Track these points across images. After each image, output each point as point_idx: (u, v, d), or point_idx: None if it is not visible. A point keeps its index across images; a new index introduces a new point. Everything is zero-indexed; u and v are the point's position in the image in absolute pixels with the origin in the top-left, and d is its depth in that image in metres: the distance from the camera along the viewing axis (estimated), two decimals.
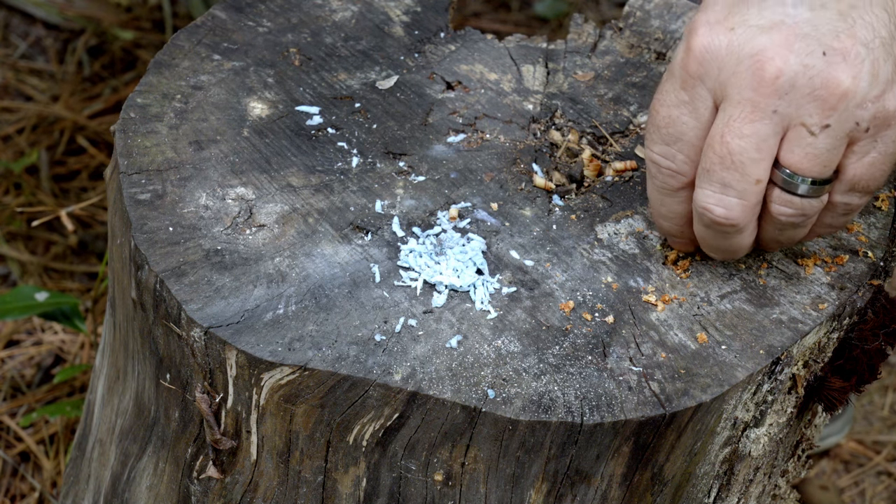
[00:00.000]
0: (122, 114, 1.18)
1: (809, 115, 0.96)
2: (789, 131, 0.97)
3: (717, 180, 0.98)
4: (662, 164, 1.03)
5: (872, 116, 0.96)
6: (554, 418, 0.97)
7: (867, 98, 0.96)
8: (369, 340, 1.00)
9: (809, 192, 0.99)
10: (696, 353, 1.02)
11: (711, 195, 0.99)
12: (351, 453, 1.03)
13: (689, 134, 1.00)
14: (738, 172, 0.98)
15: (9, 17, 2.62)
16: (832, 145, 0.97)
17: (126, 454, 1.22)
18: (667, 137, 1.01)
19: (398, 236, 1.09)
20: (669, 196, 1.04)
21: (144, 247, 1.06)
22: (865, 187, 1.01)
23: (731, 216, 0.99)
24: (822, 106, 0.95)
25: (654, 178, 1.04)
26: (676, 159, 1.02)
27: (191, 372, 1.05)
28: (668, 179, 1.03)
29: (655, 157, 1.03)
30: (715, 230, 1.02)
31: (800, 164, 0.97)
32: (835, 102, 0.95)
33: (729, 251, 1.05)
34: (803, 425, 1.18)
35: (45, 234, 2.20)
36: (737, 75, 0.97)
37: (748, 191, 0.98)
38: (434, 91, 1.25)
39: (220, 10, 1.31)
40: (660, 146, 1.02)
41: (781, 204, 1.00)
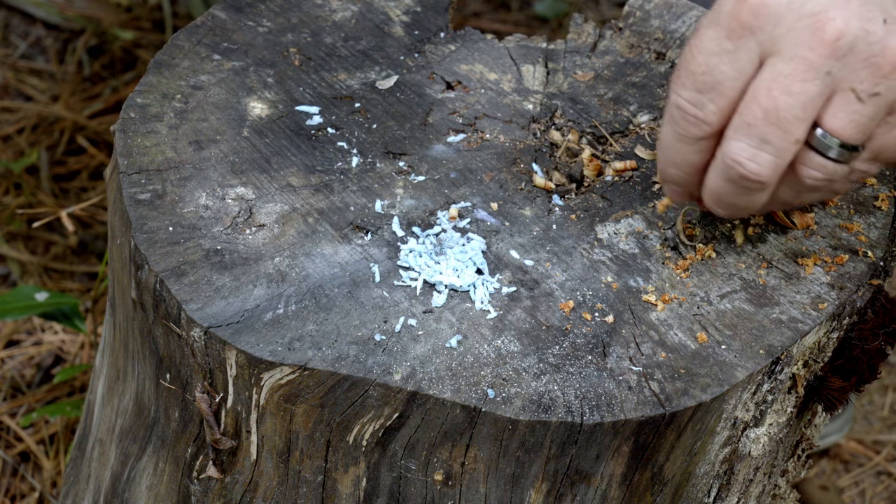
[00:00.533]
0: (122, 114, 1.18)
1: (861, 81, 0.95)
2: (836, 95, 0.96)
3: (757, 135, 0.96)
4: (689, 111, 1.00)
5: None
6: (554, 418, 0.97)
7: None
8: (369, 340, 1.00)
9: (842, 156, 0.97)
10: (696, 352, 1.02)
11: (746, 149, 0.97)
12: (351, 453, 1.03)
13: (726, 84, 0.98)
14: (780, 129, 0.96)
15: (9, 17, 2.62)
16: (876, 113, 0.96)
17: (126, 454, 1.22)
18: (701, 85, 0.99)
19: (398, 236, 1.09)
20: (688, 144, 1.02)
21: (144, 247, 1.06)
22: (886, 158, 1.01)
23: (763, 173, 0.97)
24: (876, 73, 0.95)
25: (676, 124, 1.01)
26: (706, 108, 0.99)
27: (191, 372, 1.05)
28: (692, 128, 1.00)
29: (683, 104, 1.00)
30: (738, 185, 0.99)
31: (843, 129, 0.96)
32: (888, 71, 0.95)
33: (740, 208, 1.03)
34: (803, 425, 1.18)
35: (45, 234, 2.20)
36: (794, 32, 0.95)
37: (786, 149, 0.97)
38: (434, 91, 1.25)
39: (220, 10, 1.31)
40: (690, 93, 0.99)
41: (813, 167, 0.98)
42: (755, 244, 1.11)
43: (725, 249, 1.11)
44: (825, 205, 1.13)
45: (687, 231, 1.12)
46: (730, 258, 1.10)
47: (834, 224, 1.13)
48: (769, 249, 1.11)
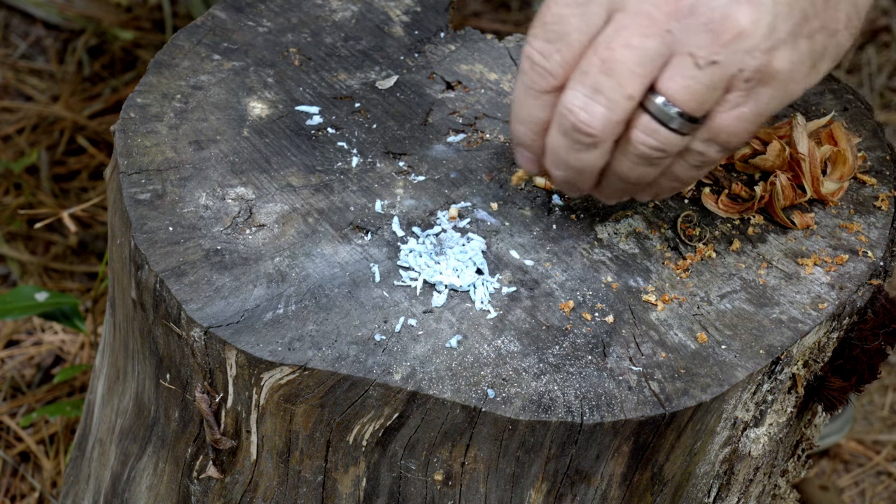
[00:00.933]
0: (122, 114, 1.18)
1: (699, 47, 0.95)
2: (674, 58, 0.96)
3: (591, 83, 0.97)
4: (537, 61, 1.00)
5: (756, 68, 0.96)
6: (554, 418, 0.97)
7: (759, 46, 0.95)
8: (369, 340, 1.00)
9: (678, 125, 0.97)
10: (696, 352, 1.02)
11: (579, 97, 0.97)
12: (351, 453, 1.03)
13: (573, 36, 0.99)
14: (614, 80, 0.96)
15: (9, 17, 2.62)
16: (713, 83, 0.96)
17: (126, 454, 1.22)
18: (550, 34, 0.99)
19: (398, 236, 1.09)
20: (533, 98, 1.02)
21: (144, 247, 1.06)
22: (726, 141, 1.00)
23: (593, 124, 0.97)
24: (715, 40, 0.95)
25: (524, 75, 1.01)
26: (552, 59, 1.00)
27: (191, 372, 1.05)
28: (538, 79, 1.01)
29: (532, 53, 1.00)
30: (570, 138, 0.99)
31: (677, 94, 0.96)
32: (727, 40, 0.95)
33: (574, 171, 1.02)
34: (803, 425, 1.18)
35: (45, 234, 2.20)
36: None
37: (617, 103, 0.97)
38: (434, 91, 1.25)
39: (220, 10, 1.31)
40: (540, 42, 1.00)
41: (646, 132, 0.98)
42: (755, 244, 1.11)
43: (725, 249, 1.11)
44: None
45: (687, 231, 1.12)
46: (730, 258, 1.10)
47: (834, 224, 1.13)
48: (769, 249, 1.11)
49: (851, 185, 1.17)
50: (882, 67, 2.71)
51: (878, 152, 1.21)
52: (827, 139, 1.16)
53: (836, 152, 1.15)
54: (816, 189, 1.14)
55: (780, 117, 1.24)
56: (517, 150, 1.06)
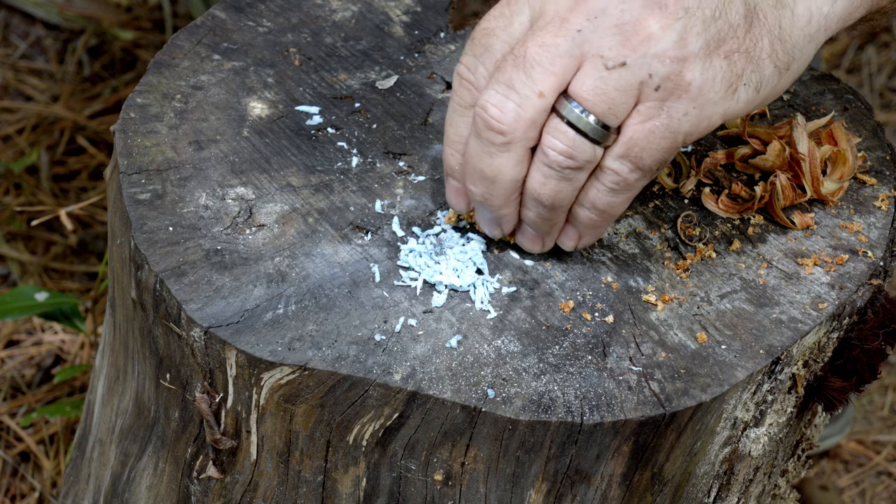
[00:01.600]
0: (122, 114, 1.18)
1: (609, 48, 0.96)
2: (586, 61, 0.97)
3: (504, 80, 0.97)
4: (464, 76, 1.01)
5: (666, 76, 0.96)
6: (554, 418, 0.97)
7: (667, 53, 0.96)
8: (369, 340, 1.00)
9: (589, 130, 0.97)
10: (696, 352, 1.02)
11: (493, 94, 0.98)
12: (351, 453, 1.03)
13: (496, 46, 1.00)
14: (525, 75, 0.97)
15: (9, 17, 2.62)
16: (623, 86, 0.96)
17: (126, 454, 1.22)
18: (477, 48, 1.01)
19: (398, 236, 1.09)
20: (460, 115, 1.02)
21: (144, 247, 1.06)
22: (638, 157, 0.99)
23: (504, 120, 0.97)
24: (624, 42, 0.96)
25: (454, 94, 1.02)
26: (478, 72, 1.01)
27: (191, 372, 1.05)
28: (465, 93, 1.01)
29: (460, 69, 1.02)
30: (483, 140, 0.99)
31: (587, 95, 0.96)
32: (636, 43, 0.96)
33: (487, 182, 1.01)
34: (803, 425, 1.18)
35: (45, 234, 2.20)
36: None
37: (529, 100, 0.97)
38: (434, 91, 1.25)
39: (220, 10, 1.31)
40: (468, 57, 1.01)
41: (555, 135, 0.98)
42: (755, 244, 1.11)
43: (725, 249, 1.11)
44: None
45: (687, 231, 1.12)
46: (730, 258, 1.10)
47: (834, 224, 1.13)
48: (769, 249, 1.11)
49: (851, 185, 1.17)
50: (882, 67, 2.71)
51: (878, 152, 1.21)
52: (827, 139, 1.16)
53: (836, 152, 1.15)
54: (816, 189, 1.14)
55: (780, 117, 1.24)
56: (447, 182, 1.06)
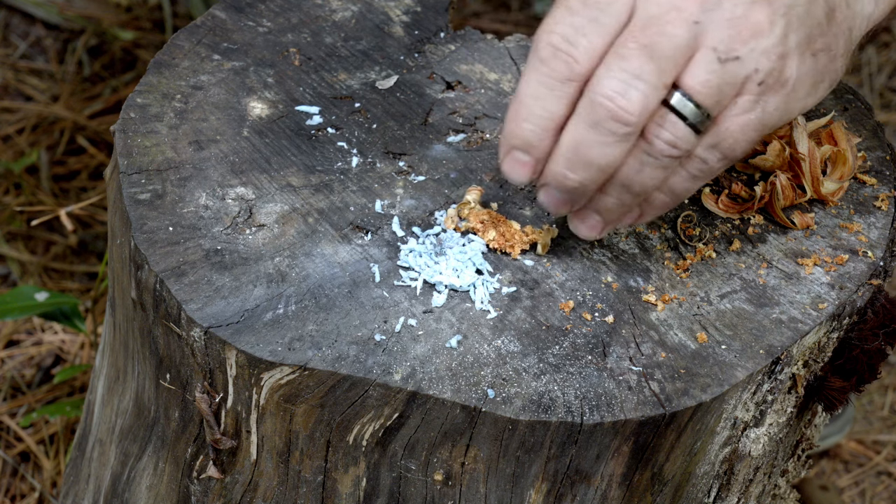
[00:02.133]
0: (122, 114, 1.18)
1: (722, 41, 0.96)
2: (698, 52, 0.97)
3: (631, 69, 0.96)
4: (562, 48, 0.97)
5: (770, 71, 0.97)
6: (554, 418, 0.97)
7: (774, 48, 0.97)
8: (369, 340, 1.00)
9: (696, 120, 0.97)
10: (696, 352, 1.02)
11: (619, 84, 0.96)
12: (351, 453, 1.03)
13: (604, 20, 0.97)
14: (655, 65, 0.96)
15: (9, 17, 2.62)
16: (731, 80, 0.97)
17: (126, 454, 1.22)
18: (577, 18, 0.97)
19: (398, 236, 1.09)
20: (549, 89, 0.98)
21: (144, 247, 1.06)
22: (729, 148, 1.00)
23: (631, 110, 0.96)
24: (736, 36, 0.96)
25: (543, 65, 0.98)
26: (580, 44, 0.97)
27: (191, 372, 1.05)
28: (561, 66, 0.97)
29: (556, 40, 0.97)
30: (601, 130, 0.97)
31: (699, 87, 0.96)
32: (748, 37, 0.96)
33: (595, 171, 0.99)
34: (803, 425, 1.18)
35: (45, 234, 2.20)
36: None
37: (656, 89, 0.96)
38: (434, 91, 1.25)
39: (220, 10, 1.31)
40: (565, 27, 0.97)
41: (666, 126, 0.97)
42: (755, 244, 1.11)
43: (725, 249, 1.11)
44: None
45: (687, 231, 1.12)
46: (730, 258, 1.10)
47: (834, 224, 1.13)
48: (769, 249, 1.11)
49: (851, 185, 1.17)
50: (882, 67, 2.71)
51: (878, 152, 1.21)
52: (827, 139, 1.16)
53: (836, 152, 1.15)
54: (816, 189, 1.14)
55: None
56: (512, 155, 1.01)
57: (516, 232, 1.07)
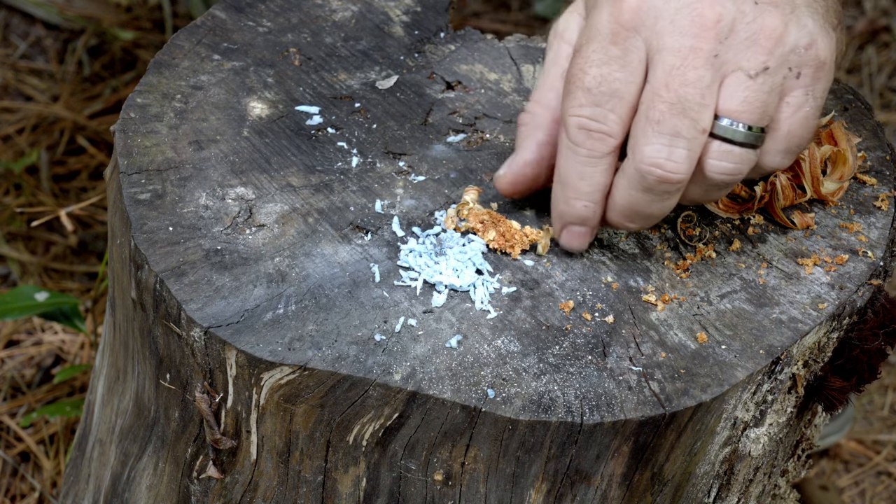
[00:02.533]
0: (122, 114, 1.18)
1: (747, 60, 0.97)
2: (727, 78, 0.98)
3: (668, 131, 0.97)
4: (593, 128, 0.99)
5: (805, 63, 0.99)
6: (554, 418, 0.97)
7: (799, 44, 0.99)
8: (369, 340, 1.00)
9: (749, 139, 0.99)
10: (696, 352, 1.02)
11: (661, 149, 0.97)
12: (351, 453, 1.03)
13: (624, 90, 0.99)
14: (688, 119, 0.97)
15: (9, 17, 2.62)
16: (770, 88, 0.98)
17: (126, 454, 1.22)
18: (599, 97, 0.99)
19: (398, 236, 1.09)
20: (593, 167, 1.01)
21: (144, 247, 1.06)
22: (798, 146, 1.02)
23: (681, 170, 0.98)
24: (759, 50, 0.98)
25: (581, 147, 1.00)
26: (609, 120, 0.99)
27: (191, 372, 1.05)
28: (598, 144, 1.00)
29: (586, 122, 0.99)
30: (656, 192, 0.99)
31: (740, 109, 0.98)
32: (771, 46, 0.98)
33: (654, 217, 1.03)
34: (803, 425, 1.18)
35: (45, 234, 2.20)
36: (675, 23, 0.97)
37: (696, 139, 0.97)
38: (434, 91, 1.25)
39: (220, 10, 1.31)
40: (590, 109, 0.99)
41: (720, 158, 0.99)
42: (755, 244, 1.11)
43: (725, 249, 1.11)
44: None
45: (687, 231, 1.12)
46: (730, 258, 1.10)
47: (834, 224, 1.13)
48: (769, 249, 1.11)
49: (851, 185, 1.17)
50: (882, 67, 2.71)
51: (878, 152, 1.21)
52: (827, 139, 1.16)
53: (836, 152, 1.15)
54: (816, 189, 1.14)
55: None
56: (569, 230, 1.05)
57: (517, 232, 1.08)
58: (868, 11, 2.82)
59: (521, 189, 1.10)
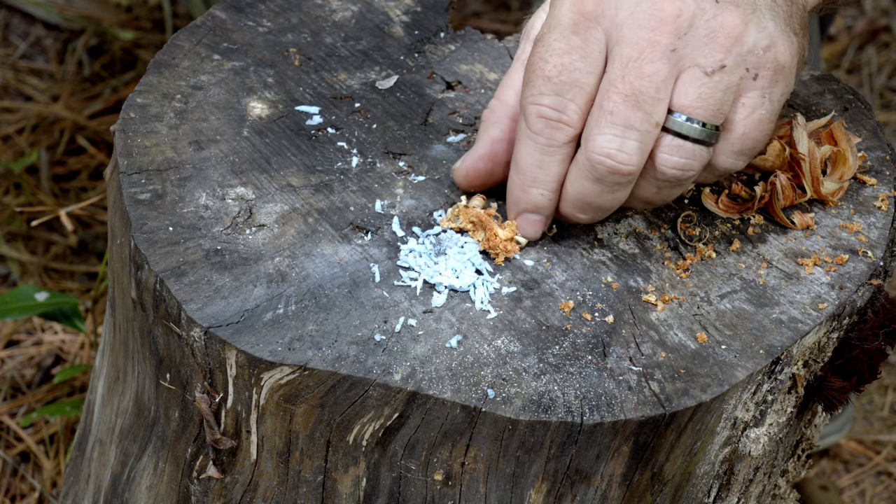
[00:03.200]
0: (122, 114, 1.18)
1: (704, 57, 0.98)
2: (683, 73, 0.98)
3: (621, 122, 0.97)
4: (551, 117, 1.00)
5: (762, 65, 0.99)
6: (554, 418, 0.97)
7: (758, 45, 0.99)
8: (369, 340, 1.00)
9: (702, 135, 0.99)
10: (696, 352, 1.02)
11: (613, 139, 0.98)
12: (351, 453, 1.03)
13: (584, 80, 0.99)
14: (642, 111, 0.97)
15: (9, 17, 2.62)
16: (726, 87, 0.99)
17: (126, 454, 1.22)
18: (559, 87, 1.00)
19: (398, 236, 1.09)
20: (550, 155, 1.02)
21: (144, 247, 1.06)
22: (752, 148, 1.03)
23: (631, 162, 0.99)
24: (717, 47, 0.98)
25: (539, 135, 1.01)
26: (568, 109, 1.00)
27: (191, 372, 1.05)
28: (557, 133, 1.01)
29: (545, 111, 1.00)
30: (606, 183, 1.00)
31: (694, 105, 0.98)
32: (729, 45, 0.98)
33: (604, 210, 1.04)
34: (803, 425, 1.18)
35: (45, 234, 2.20)
36: (634, 15, 0.98)
37: (648, 132, 0.98)
38: (434, 91, 1.25)
39: (220, 10, 1.31)
40: (550, 97, 1.00)
41: (671, 152, 1.00)
42: (755, 244, 1.11)
43: (725, 249, 1.11)
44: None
45: (687, 231, 1.12)
46: (730, 258, 1.10)
47: (834, 224, 1.13)
48: (769, 249, 1.11)
49: (851, 185, 1.17)
50: (882, 67, 2.71)
51: (878, 152, 1.21)
52: (827, 139, 1.16)
53: (836, 152, 1.15)
54: (816, 189, 1.14)
55: (780, 117, 1.24)
56: (524, 217, 1.06)
57: (500, 241, 1.08)
58: (868, 11, 2.82)
59: (475, 182, 1.11)
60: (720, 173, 1.06)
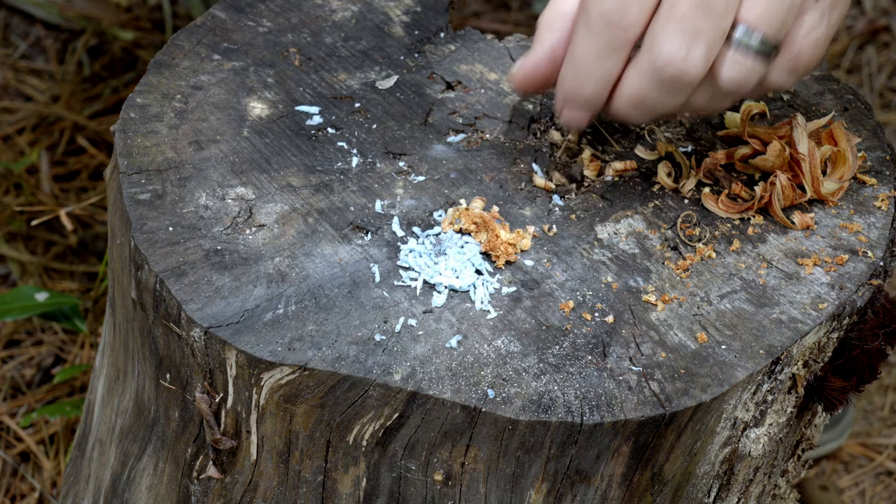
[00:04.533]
0: (122, 114, 1.18)
1: None
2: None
3: (690, 29, 0.97)
4: (614, 19, 1.00)
5: None
6: (554, 418, 0.97)
7: None
8: (369, 340, 1.00)
9: (764, 49, 1.00)
10: (696, 352, 1.02)
11: (681, 44, 0.98)
12: (351, 453, 1.03)
13: None
14: (713, 20, 0.97)
15: (9, 17, 2.62)
16: (790, 4, 0.99)
17: (126, 454, 1.22)
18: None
19: (398, 236, 1.09)
20: (608, 54, 1.02)
21: (144, 247, 1.06)
22: (805, 68, 1.03)
23: (695, 70, 0.99)
24: None
25: (600, 34, 1.01)
26: (631, 10, 1.00)
27: (191, 372, 1.05)
28: (618, 33, 1.01)
29: (608, 12, 1.00)
30: (667, 87, 1.00)
31: (760, 18, 0.99)
32: None
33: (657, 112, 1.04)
34: (803, 425, 1.18)
35: (45, 234, 2.19)
36: None
37: (716, 42, 0.98)
38: (434, 91, 1.25)
39: (220, 10, 1.31)
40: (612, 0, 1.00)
41: (733, 63, 1.00)
42: (755, 244, 1.11)
43: (725, 249, 1.11)
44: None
45: (687, 231, 1.12)
46: (730, 258, 1.10)
47: (834, 224, 1.13)
48: (769, 249, 1.11)
49: (851, 185, 1.17)
50: (882, 67, 2.71)
51: (878, 152, 1.21)
52: (827, 139, 1.16)
53: (836, 152, 1.15)
54: (816, 189, 1.14)
55: (780, 117, 1.24)
56: (572, 110, 1.07)
57: (502, 243, 1.08)
58: (868, 11, 2.82)
59: (533, 86, 1.11)
60: (770, 89, 1.06)
